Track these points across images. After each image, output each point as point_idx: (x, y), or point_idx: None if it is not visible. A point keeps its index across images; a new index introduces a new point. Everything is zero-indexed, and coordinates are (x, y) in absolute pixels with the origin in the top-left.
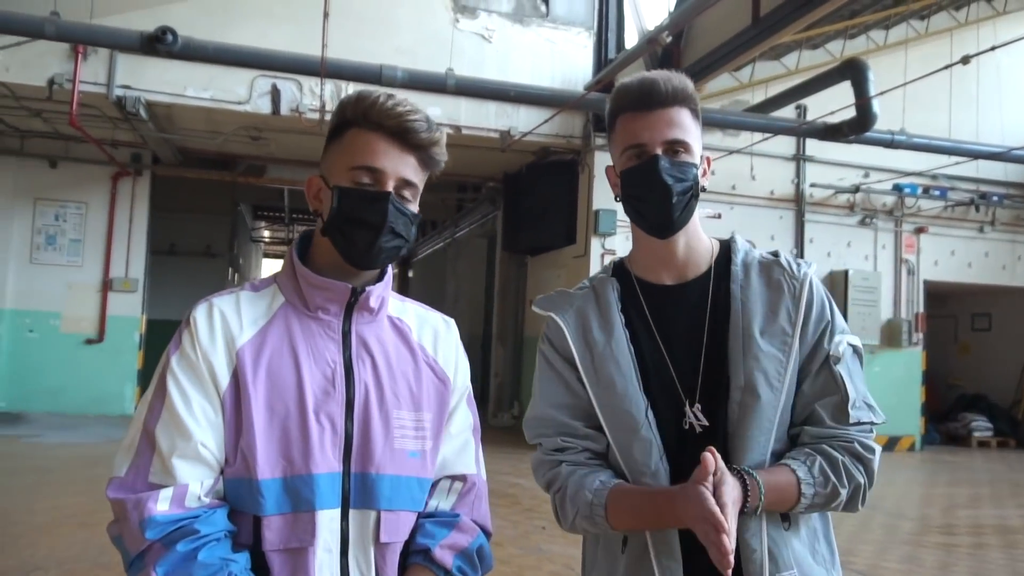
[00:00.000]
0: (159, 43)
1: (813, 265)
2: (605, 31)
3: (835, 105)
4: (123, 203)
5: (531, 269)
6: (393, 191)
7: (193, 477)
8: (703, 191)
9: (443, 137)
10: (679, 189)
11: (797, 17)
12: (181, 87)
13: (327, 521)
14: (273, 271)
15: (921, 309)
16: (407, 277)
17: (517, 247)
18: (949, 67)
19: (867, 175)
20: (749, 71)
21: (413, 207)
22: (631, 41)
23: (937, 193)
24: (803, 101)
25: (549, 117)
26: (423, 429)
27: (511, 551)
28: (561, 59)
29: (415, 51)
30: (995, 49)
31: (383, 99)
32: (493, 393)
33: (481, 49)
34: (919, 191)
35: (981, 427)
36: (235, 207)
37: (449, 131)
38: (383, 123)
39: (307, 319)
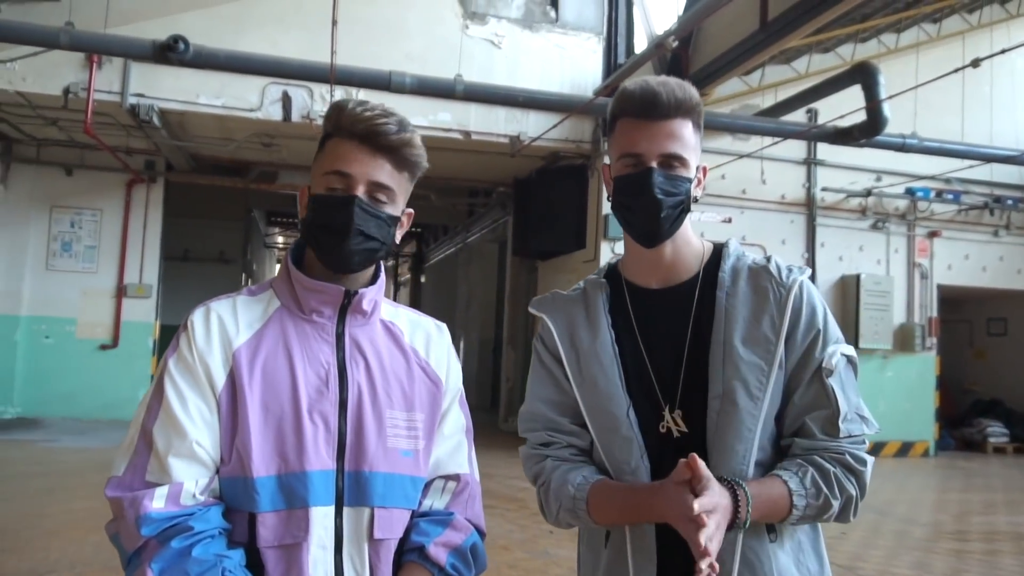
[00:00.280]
0: (171, 52)
1: (807, 272)
2: (615, 36)
3: (846, 109)
4: (137, 210)
5: (541, 274)
6: (364, 195)
7: (188, 475)
8: (695, 202)
9: (415, 137)
10: (669, 203)
11: (804, 22)
12: (193, 95)
13: (321, 518)
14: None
15: (935, 314)
16: (420, 282)
17: (527, 252)
18: (959, 70)
19: (879, 179)
20: (759, 75)
21: (391, 209)
22: (640, 46)
23: (950, 197)
24: (814, 105)
25: (558, 122)
26: (415, 429)
27: (518, 555)
28: (570, 64)
29: (425, 57)
30: (1006, 52)
31: (353, 106)
32: (504, 398)
33: (491, 55)
34: (932, 195)
35: (997, 433)
36: (248, 213)
37: (459, 136)
38: (353, 129)
39: (302, 322)
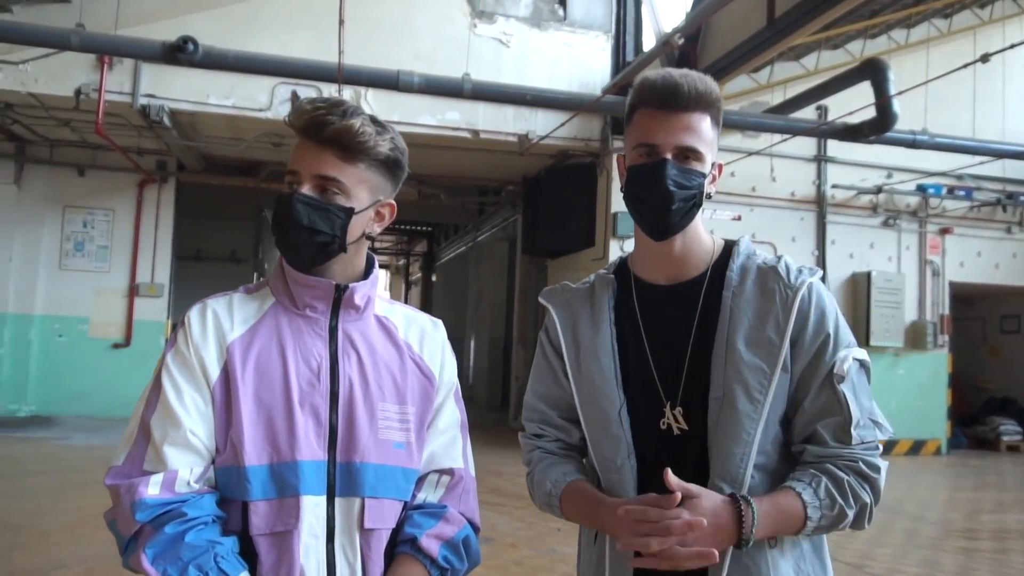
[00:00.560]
0: (180, 52)
1: (818, 273)
2: (623, 34)
3: (856, 105)
4: (149, 210)
5: (551, 272)
6: (311, 189)
7: (183, 463)
8: (708, 198)
9: (357, 123)
10: (682, 196)
11: (812, 18)
12: (204, 95)
13: (312, 506)
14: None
15: (946, 311)
16: (431, 281)
17: (537, 250)
18: (968, 66)
19: (890, 176)
20: (768, 72)
21: (343, 200)
22: (649, 44)
23: (962, 193)
24: (823, 102)
25: (567, 120)
26: (407, 422)
27: (525, 552)
28: (579, 62)
29: (433, 56)
30: (1015, 47)
31: (302, 103)
32: (514, 396)
33: (499, 53)
34: (943, 191)
35: (1010, 431)
36: (259, 213)
37: (467, 135)
38: (298, 125)
39: (296, 317)
